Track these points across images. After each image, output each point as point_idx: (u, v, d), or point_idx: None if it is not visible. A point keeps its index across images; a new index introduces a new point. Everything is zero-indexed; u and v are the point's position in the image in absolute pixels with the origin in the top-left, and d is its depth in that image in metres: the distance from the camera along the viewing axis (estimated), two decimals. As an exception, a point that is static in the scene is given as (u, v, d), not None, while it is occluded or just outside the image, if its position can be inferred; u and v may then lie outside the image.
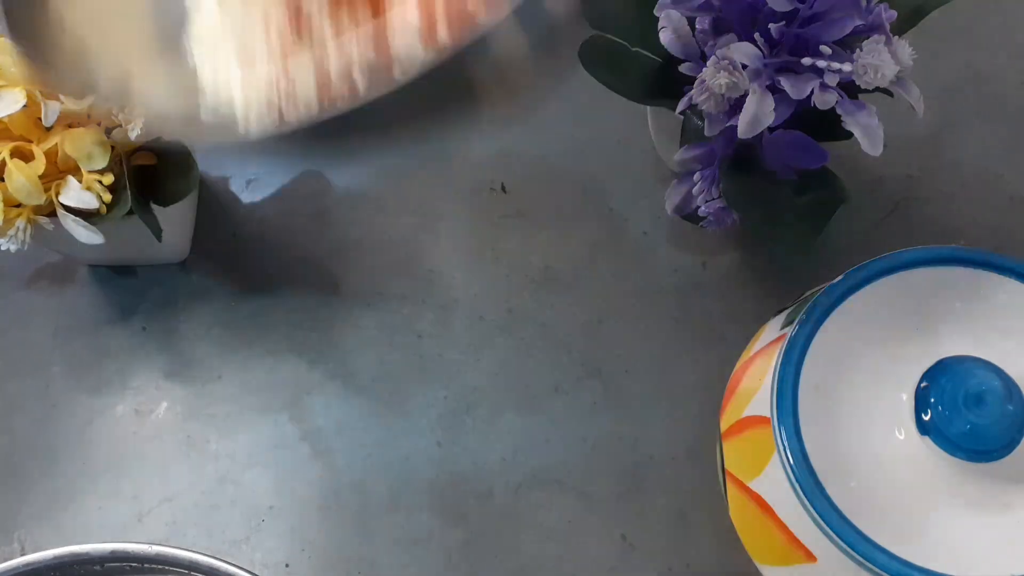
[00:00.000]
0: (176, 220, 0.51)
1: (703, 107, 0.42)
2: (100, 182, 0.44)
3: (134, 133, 0.44)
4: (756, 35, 0.41)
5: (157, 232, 0.46)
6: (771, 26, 0.41)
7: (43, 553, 0.41)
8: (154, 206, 0.47)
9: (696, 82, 0.41)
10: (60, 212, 0.44)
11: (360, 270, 0.53)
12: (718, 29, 0.42)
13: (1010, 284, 0.37)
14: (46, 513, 0.48)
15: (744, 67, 0.40)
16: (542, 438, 0.49)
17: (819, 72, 0.40)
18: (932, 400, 0.33)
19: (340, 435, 0.49)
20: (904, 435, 0.34)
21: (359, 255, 0.53)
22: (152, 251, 0.51)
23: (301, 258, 0.54)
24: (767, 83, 0.41)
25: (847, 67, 0.40)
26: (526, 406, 0.49)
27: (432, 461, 0.48)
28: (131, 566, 0.40)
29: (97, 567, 0.41)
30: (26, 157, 0.44)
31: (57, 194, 0.44)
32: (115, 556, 0.40)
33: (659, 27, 0.43)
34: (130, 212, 0.45)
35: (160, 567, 0.41)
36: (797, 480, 0.35)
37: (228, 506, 0.48)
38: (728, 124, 0.42)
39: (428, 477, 0.48)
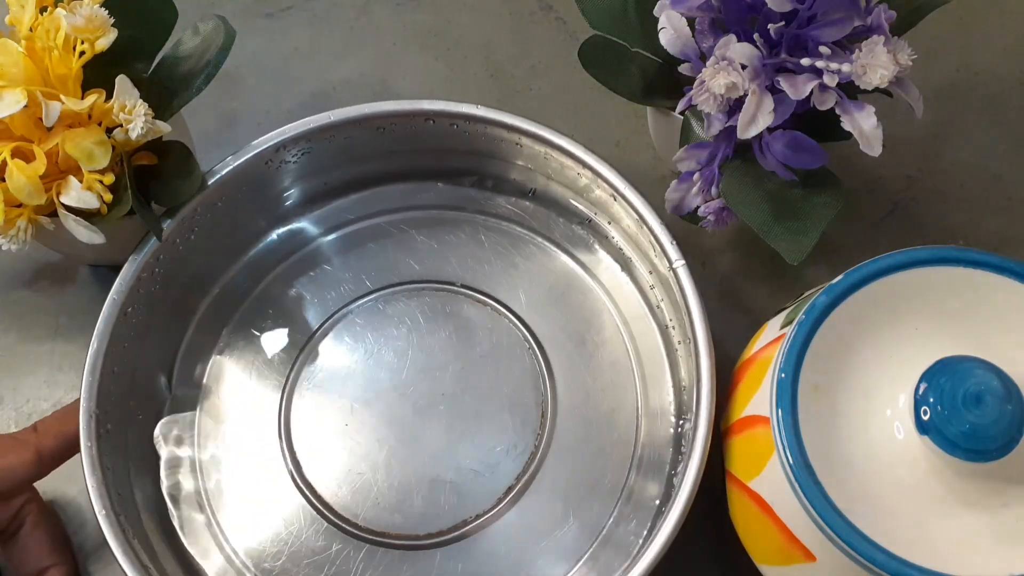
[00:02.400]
0: (177, 220, 0.51)
1: (703, 107, 0.42)
2: (101, 182, 0.44)
3: (135, 133, 0.44)
4: (755, 35, 0.41)
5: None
6: (770, 26, 0.41)
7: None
8: (155, 206, 0.47)
9: (696, 82, 0.42)
10: (61, 212, 0.44)
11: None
12: (717, 29, 0.43)
13: (1009, 284, 0.37)
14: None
15: (743, 67, 0.40)
16: (542, 438, 0.49)
17: (818, 72, 0.41)
18: (931, 400, 0.33)
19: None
20: (903, 435, 0.34)
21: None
22: (153, 251, 0.51)
23: (301, 258, 0.53)
24: (766, 83, 0.41)
25: (846, 67, 0.40)
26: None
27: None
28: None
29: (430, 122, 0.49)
30: (27, 157, 0.44)
31: (58, 194, 0.44)
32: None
33: (659, 27, 0.43)
34: (131, 212, 0.45)
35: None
36: (796, 479, 0.35)
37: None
38: (728, 124, 0.42)
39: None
